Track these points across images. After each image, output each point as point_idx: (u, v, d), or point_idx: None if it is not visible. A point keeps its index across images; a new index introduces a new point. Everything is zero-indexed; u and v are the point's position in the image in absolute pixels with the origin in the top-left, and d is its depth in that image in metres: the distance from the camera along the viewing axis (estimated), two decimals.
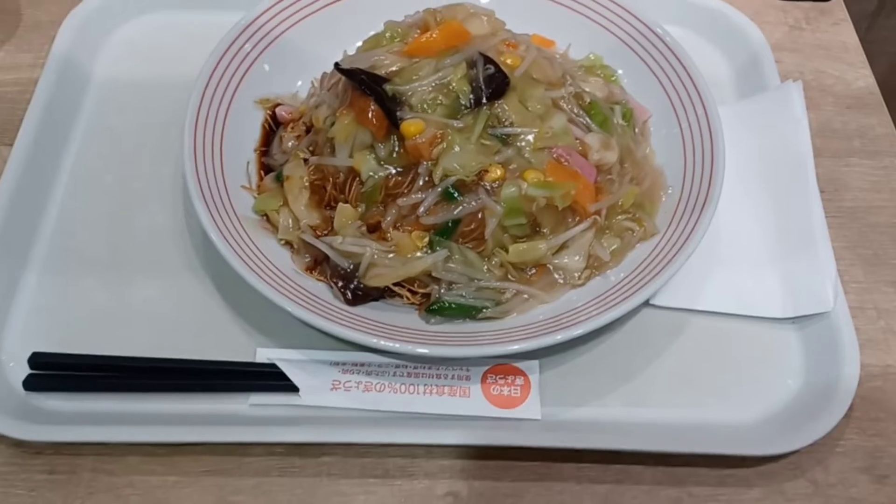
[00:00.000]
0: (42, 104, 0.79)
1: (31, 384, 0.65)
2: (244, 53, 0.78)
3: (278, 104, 0.79)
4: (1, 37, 0.89)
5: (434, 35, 0.72)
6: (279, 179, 0.72)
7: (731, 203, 0.73)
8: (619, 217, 0.71)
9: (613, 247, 0.70)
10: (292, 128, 0.76)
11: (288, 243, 0.71)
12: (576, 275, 0.69)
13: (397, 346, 0.61)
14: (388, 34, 0.75)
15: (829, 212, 0.77)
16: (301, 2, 0.82)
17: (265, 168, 0.75)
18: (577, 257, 0.68)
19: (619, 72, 0.82)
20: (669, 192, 0.73)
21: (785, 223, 0.74)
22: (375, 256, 0.66)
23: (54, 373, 0.66)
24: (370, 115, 0.66)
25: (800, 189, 0.76)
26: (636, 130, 0.77)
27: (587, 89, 0.76)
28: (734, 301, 0.71)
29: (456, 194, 0.66)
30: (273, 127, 0.78)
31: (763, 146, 0.79)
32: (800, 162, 0.77)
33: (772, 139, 0.79)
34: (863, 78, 0.90)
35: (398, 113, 0.66)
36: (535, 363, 0.67)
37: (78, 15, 0.87)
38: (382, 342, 0.61)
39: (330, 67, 0.79)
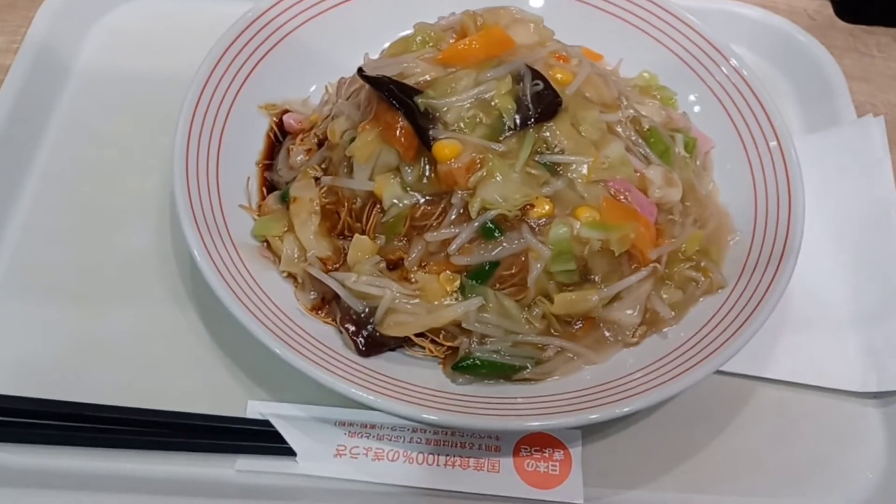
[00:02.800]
0: (12, 96, 0.70)
1: None
2: (250, 50, 0.69)
3: (286, 111, 0.70)
4: None
5: (473, 42, 0.63)
6: (284, 200, 0.63)
7: (804, 253, 0.63)
8: (682, 265, 0.63)
9: (674, 300, 0.62)
10: (302, 139, 0.67)
11: (291, 276, 0.62)
12: (629, 332, 0.60)
13: (418, 412, 0.52)
14: (418, 38, 0.66)
15: None
16: None
17: (268, 185, 0.67)
18: (631, 311, 0.59)
19: (678, 95, 0.72)
20: (737, 237, 0.64)
21: (867, 281, 0.66)
22: (396, 301, 0.56)
23: (9, 419, 0.56)
24: (398, 132, 0.57)
25: (883, 241, 0.68)
26: (697, 163, 0.68)
27: (644, 113, 0.67)
28: (808, 370, 0.63)
29: (496, 231, 0.57)
30: (279, 137, 0.69)
31: (840, 189, 0.71)
32: (882, 209, 0.69)
33: (850, 181, 0.71)
34: None
35: (431, 131, 0.58)
36: (577, 433, 0.58)
37: None
38: (399, 407, 0.52)
39: (348, 71, 0.71)
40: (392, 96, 0.57)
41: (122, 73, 0.76)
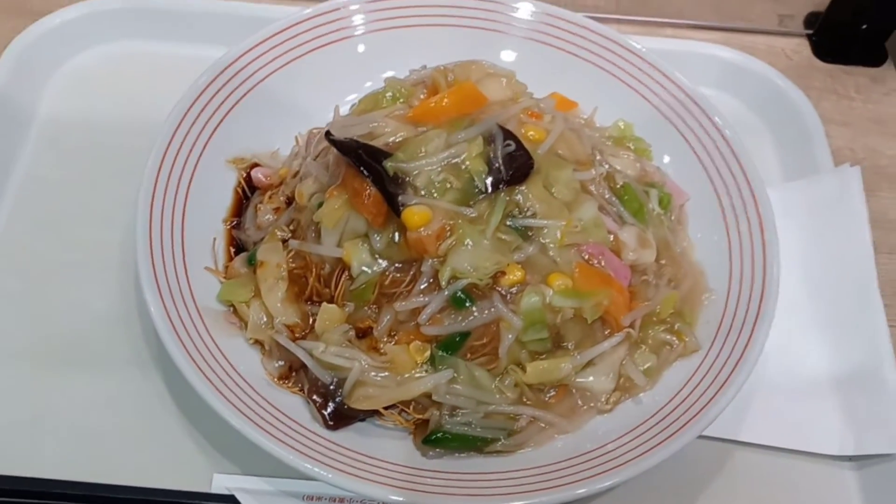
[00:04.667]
0: None
1: None
2: (218, 101, 0.68)
3: (255, 164, 0.69)
4: None
5: (444, 99, 0.62)
6: (251, 263, 0.62)
7: (780, 311, 0.62)
8: (656, 329, 0.62)
9: (648, 364, 0.61)
10: (270, 196, 0.66)
11: (258, 343, 0.60)
12: (602, 398, 0.59)
13: (382, 493, 0.51)
14: (389, 93, 0.65)
15: (890, 319, 0.67)
16: (290, 42, 0.72)
17: (235, 244, 0.65)
18: (605, 377, 0.59)
19: (653, 146, 0.72)
20: (712, 296, 0.63)
21: (845, 341, 0.66)
22: (365, 373, 0.55)
23: None
24: (366, 198, 0.56)
25: (862, 299, 0.67)
26: (672, 218, 0.67)
27: (618, 167, 0.66)
28: (784, 433, 0.63)
29: (466, 301, 0.56)
30: (247, 193, 0.68)
31: (817, 244, 0.70)
32: (861, 265, 0.69)
33: (827, 236, 0.70)
34: None
35: (400, 197, 0.56)
36: None
37: (22, 42, 0.77)
38: (368, 489, 0.51)
39: (318, 121, 0.71)
40: (360, 162, 0.56)
41: (85, 121, 0.74)
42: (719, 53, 0.83)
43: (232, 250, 0.65)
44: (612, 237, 0.61)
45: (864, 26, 0.87)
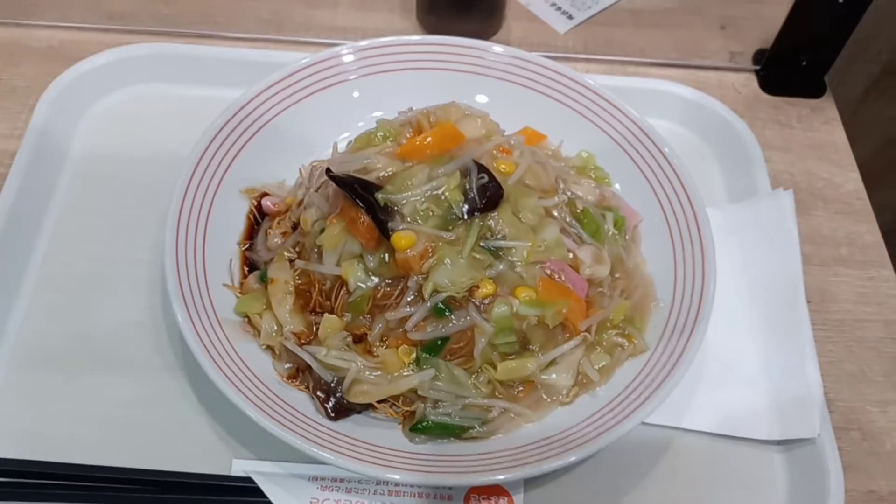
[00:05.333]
0: (18, 183, 0.76)
1: None
2: (233, 139, 0.76)
3: (264, 194, 0.77)
4: None
5: (427, 138, 0.70)
6: (263, 280, 0.70)
7: (718, 316, 0.71)
8: (610, 332, 0.70)
9: (602, 363, 0.69)
10: (278, 222, 0.74)
11: (270, 348, 0.69)
12: (564, 392, 0.67)
13: (378, 472, 0.60)
14: (380, 133, 0.73)
15: (815, 323, 0.76)
16: (294, 86, 0.80)
17: (249, 264, 0.74)
18: (565, 375, 0.67)
19: (611, 173, 0.81)
20: (660, 304, 0.72)
21: (774, 342, 0.74)
22: (360, 372, 0.64)
23: (12, 480, 0.63)
24: (361, 225, 0.65)
25: (789, 305, 0.75)
26: (627, 237, 0.76)
27: (580, 193, 0.75)
28: (720, 421, 0.70)
29: (446, 311, 0.64)
30: (258, 219, 0.76)
31: (753, 257, 0.78)
32: (790, 276, 0.77)
33: (762, 250, 0.78)
34: (852, 181, 0.90)
35: (389, 224, 0.65)
36: (519, 482, 0.66)
37: (58, 85, 0.84)
38: (364, 468, 0.60)
39: (319, 154, 0.79)
40: (356, 194, 0.65)
41: (114, 156, 0.82)
42: (675, 90, 0.91)
43: (245, 269, 0.72)
44: (571, 255, 0.68)
45: (804, 62, 0.96)
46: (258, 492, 0.63)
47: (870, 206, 0.89)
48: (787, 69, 0.97)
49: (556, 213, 0.71)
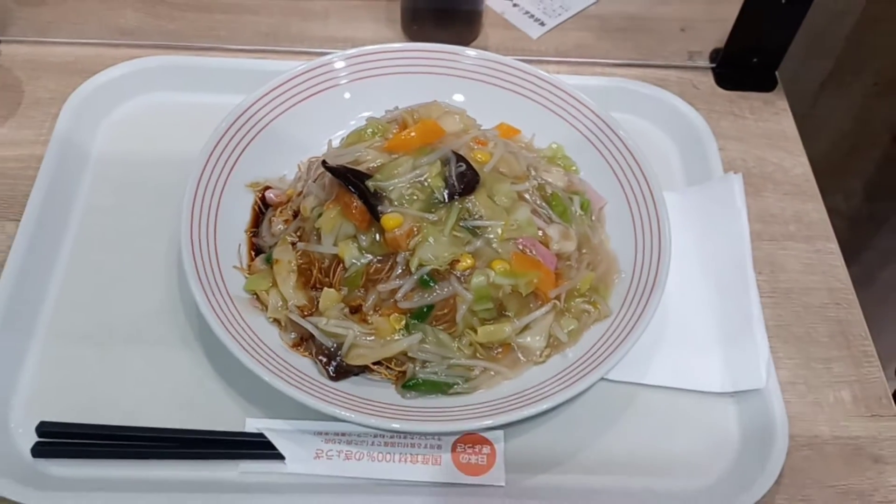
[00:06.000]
0: (46, 184, 0.84)
1: (38, 451, 0.70)
2: (237, 140, 0.84)
3: (267, 187, 0.85)
4: (3, 112, 0.94)
5: (412, 133, 0.79)
6: (268, 261, 0.78)
7: (677, 285, 0.80)
8: (577, 300, 0.78)
9: (571, 328, 0.76)
10: (280, 211, 0.82)
11: (276, 321, 0.76)
12: (537, 353, 0.75)
13: (376, 422, 0.68)
14: (369, 130, 0.82)
15: (765, 292, 0.85)
16: (291, 91, 0.88)
17: (255, 249, 0.82)
18: (538, 337, 0.75)
19: (578, 162, 0.89)
20: (622, 276, 0.80)
21: (725, 306, 0.82)
22: (357, 338, 0.72)
23: (60, 440, 0.71)
24: (354, 209, 0.73)
25: (739, 274, 0.83)
26: (593, 218, 0.84)
27: (549, 180, 0.83)
28: (679, 376, 0.78)
29: (430, 282, 0.72)
30: (262, 209, 0.84)
31: (707, 233, 0.86)
32: (739, 249, 0.85)
33: (715, 227, 0.87)
34: (800, 165, 0.99)
35: (379, 207, 0.73)
36: (500, 433, 0.74)
37: (78, 95, 0.92)
38: (363, 418, 0.68)
39: (315, 152, 0.87)
40: (349, 182, 0.73)
41: (130, 158, 0.90)
42: (637, 88, 0.99)
43: (252, 253, 0.80)
44: (541, 233, 0.76)
45: (755, 59, 1.05)
46: (269, 445, 0.71)
47: (816, 187, 0.97)
48: (740, 66, 1.06)
49: (527, 197, 0.79)
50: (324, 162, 0.76)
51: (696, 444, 0.76)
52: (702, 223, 0.88)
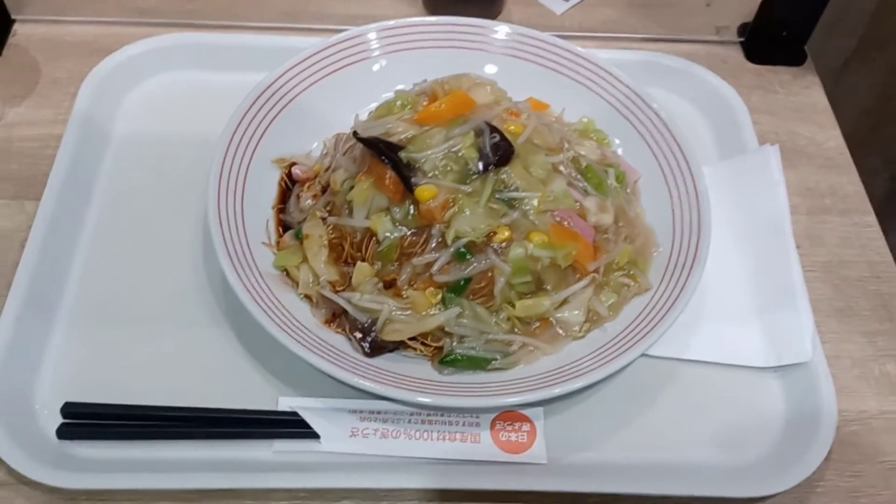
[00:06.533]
0: (66, 162, 0.83)
1: (63, 433, 0.68)
2: (262, 115, 0.82)
3: (293, 163, 0.83)
4: (21, 92, 0.93)
5: (442, 105, 0.77)
6: (298, 237, 0.77)
7: (716, 259, 0.78)
8: (616, 274, 0.76)
9: (611, 301, 0.75)
10: (308, 187, 0.80)
11: (307, 297, 0.75)
12: (576, 328, 0.74)
13: (415, 397, 0.66)
14: (398, 102, 0.80)
15: (804, 266, 0.82)
16: (313, 67, 0.86)
17: (283, 225, 0.80)
18: (577, 312, 0.73)
19: (610, 136, 0.87)
20: (660, 249, 0.79)
21: (766, 278, 0.80)
22: (392, 313, 0.70)
23: (86, 422, 0.69)
24: (387, 181, 0.71)
25: (779, 246, 0.81)
26: (628, 191, 0.83)
27: (582, 153, 0.82)
28: (720, 351, 0.76)
29: (467, 255, 0.70)
30: (289, 185, 0.82)
31: (745, 206, 0.84)
32: (778, 221, 0.83)
33: (753, 199, 0.85)
34: (833, 139, 0.97)
35: (413, 179, 0.71)
36: (539, 410, 0.72)
37: (97, 74, 0.90)
38: (401, 394, 0.66)
39: (340, 128, 0.85)
40: (381, 153, 0.72)
41: (153, 137, 0.88)
42: (665, 61, 0.97)
43: (280, 229, 0.78)
44: (578, 205, 0.75)
45: (785, 33, 1.03)
46: (303, 424, 0.69)
47: (851, 160, 0.95)
48: (770, 40, 1.04)
49: (562, 169, 0.77)
50: (355, 133, 0.74)
51: (740, 420, 0.74)
52: (738, 196, 0.86)
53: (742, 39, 1.06)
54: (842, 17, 1.26)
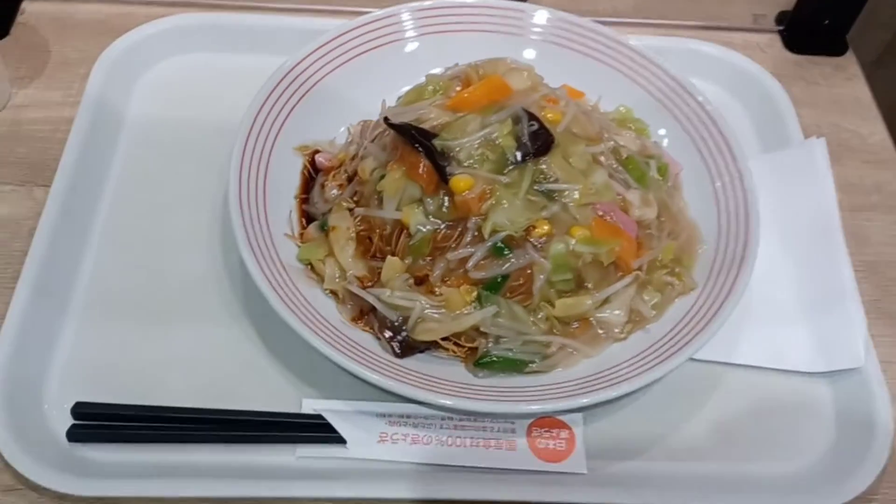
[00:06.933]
0: (77, 147, 0.78)
1: (74, 435, 0.64)
2: (284, 100, 0.78)
3: (317, 151, 0.79)
4: (29, 73, 0.88)
5: (477, 90, 0.73)
6: (323, 229, 0.73)
7: (761, 256, 0.74)
8: (660, 272, 0.72)
9: (654, 301, 0.71)
10: (333, 176, 0.76)
11: (333, 293, 0.71)
12: (618, 329, 0.70)
13: (450, 401, 0.62)
14: (430, 87, 0.76)
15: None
16: (338, 49, 0.82)
17: (306, 216, 0.76)
18: (619, 312, 0.69)
19: (650, 126, 0.83)
20: (705, 246, 0.75)
21: (815, 278, 0.76)
22: (425, 311, 0.66)
23: (97, 423, 0.65)
24: (420, 169, 0.67)
25: (828, 244, 0.77)
26: (669, 184, 0.79)
27: (622, 143, 0.78)
28: (768, 355, 0.73)
29: (505, 250, 0.66)
30: (312, 174, 0.78)
31: (790, 202, 0.80)
32: (827, 218, 0.79)
33: (799, 195, 0.81)
34: (878, 133, 0.93)
35: (447, 168, 0.67)
36: (578, 416, 0.68)
37: (110, 55, 0.86)
38: (435, 398, 0.62)
39: (366, 114, 0.81)
40: (414, 140, 0.67)
41: (169, 122, 0.84)
42: (703, 48, 0.93)
43: (304, 221, 0.75)
44: (620, 198, 0.71)
45: (827, 22, 0.99)
46: (328, 427, 0.65)
47: None
48: (810, 29, 1.00)
49: (602, 160, 0.73)
50: (386, 118, 0.70)
51: (789, 428, 0.70)
52: (783, 191, 0.81)
53: (781, 28, 1.02)
54: (875, 10, 1.22)
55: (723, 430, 0.69)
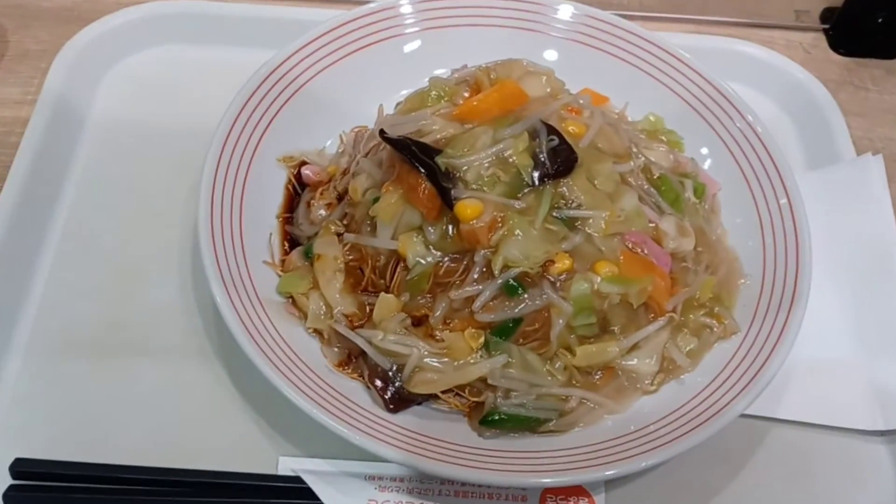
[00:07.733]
0: (32, 151, 0.71)
1: (12, 499, 0.56)
2: (266, 104, 0.70)
3: (304, 162, 0.71)
4: None
5: (488, 97, 0.64)
6: (308, 256, 0.64)
7: (811, 293, 0.65)
8: (696, 312, 0.64)
9: (690, 347, 0.63)
10: (321, 193, 0.68)
11: (317, 332, 0.63)
12: (647, 380, 0.61)
13: (448, 470, 0.54)
14: (433, 92, 0.67)
15: None
16: (330, 45, 0.74)
17: (289, 239, 0.67)
18: (649, 360, 0.61)
19: (684, 138, 0.74)
20: (748, 282, 0.66)
21: (871, 320, 0.68)
22: (423, 359, 0.58)
23: (40, 483, 0.57)
24: (421, 193, 0.58)
25: (885, 280, 0.69)
26: (707, 206, 0.69)
27: (653, 159, 0.68)
28: (818, 410, 0.65)
29: (518, 289, 0.58)
30: (298, 189, 0.70)
31: (841, 229, 0.72)
32: (883, 247, 0.71)
33: (851, 221, 0.73)
34: None
35: (453, 191, 0.58)
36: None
37: (74, 46, 0.78)
38: (431, 465, 0.54)
39: (360, 120, 0.74)
40: (414, 158, 0.58)
41: (137, 123, 0.76)
42: (743, 48, 0.85)
43: (286, 245, 0.66)
44: (652, 226, 0.62)
45: (880, 20, 0.89)
46: (308, 493, 0.58)
47: None
48: (860, 28, 0.91)
49: (632, 181, 0.65)
50: (381, 132, 0.60)
51: (842, 493, 0.63)
52: (834, 216, 0.73)
53: (826, 26, 0.92)
54: None
55: (766, 497, 0.62)
